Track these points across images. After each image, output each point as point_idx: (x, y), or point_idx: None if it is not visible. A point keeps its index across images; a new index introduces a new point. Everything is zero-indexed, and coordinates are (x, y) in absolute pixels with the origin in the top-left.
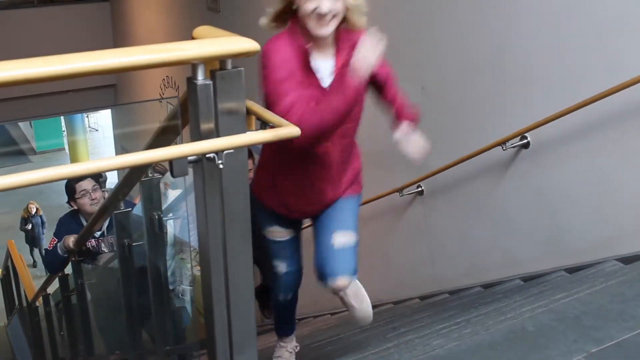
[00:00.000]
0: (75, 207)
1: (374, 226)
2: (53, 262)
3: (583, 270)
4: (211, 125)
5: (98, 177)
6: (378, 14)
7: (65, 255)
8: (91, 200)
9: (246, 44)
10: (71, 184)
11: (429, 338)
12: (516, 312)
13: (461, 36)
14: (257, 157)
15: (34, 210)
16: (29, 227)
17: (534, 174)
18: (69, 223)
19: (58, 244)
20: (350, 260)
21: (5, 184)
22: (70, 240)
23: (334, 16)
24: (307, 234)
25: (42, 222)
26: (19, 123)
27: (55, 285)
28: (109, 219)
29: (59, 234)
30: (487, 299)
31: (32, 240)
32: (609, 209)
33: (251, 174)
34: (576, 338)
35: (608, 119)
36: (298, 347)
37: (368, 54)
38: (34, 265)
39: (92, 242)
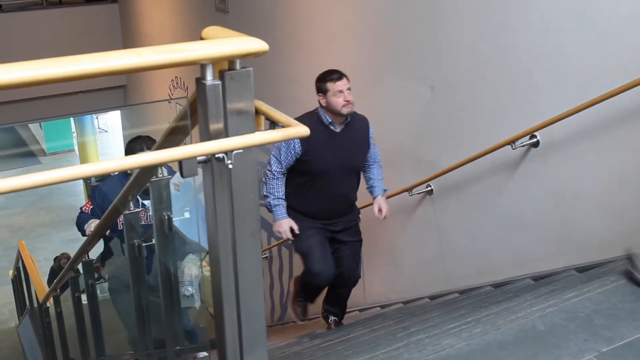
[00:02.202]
0: None
1: (383, 226)
2: (80, 227)
3: (594, 269)
4: (220, 125)
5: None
6: (387, 16)
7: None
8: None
9: (255, 44)
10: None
11: (439, 337)
12: (527, 311)
13: (470, 36)
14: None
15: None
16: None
17: (544, 173)
18: (109, 186)
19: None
20: None
21: (16, 185)
22: (93, 225)
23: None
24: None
25: None
26: (29, 125)
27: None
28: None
29: (93, 197)
30: (497, 298)
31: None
32: (620, 208)
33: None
34: (587, 337)
35: (618, 117)
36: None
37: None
38: None
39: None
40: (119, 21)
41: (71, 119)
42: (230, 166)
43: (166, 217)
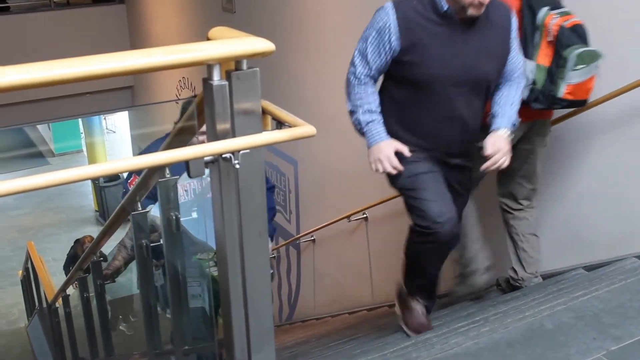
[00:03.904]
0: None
1: (393, 225)
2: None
3: (602, 268)
4: (227, 125)
5: None
6: None
7: None
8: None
9: (261, 45)
10: None
11: (447, 336)
12: (535, 310)
13: None
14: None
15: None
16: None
17: (551, 172)
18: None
19: None
20: None
21: (25, 185)
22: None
23: None
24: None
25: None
26: (37, 125)
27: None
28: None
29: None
30: (505, 297)
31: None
32: (628, 206)
33: None
34: (595, 336)
35: (626, 115)
36: None
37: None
38: None
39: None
40: (126, 22)
41: (79, 119)
42: (237, 166)
43: (174, 217)
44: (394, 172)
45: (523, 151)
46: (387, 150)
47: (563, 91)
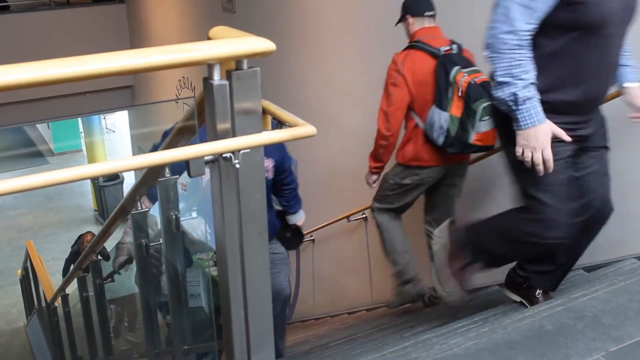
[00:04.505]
0: None
1: None
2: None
3: (602, 269)
4: (227, 125)
5: None
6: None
7: None
8: None
9: (262, 44)
10: None
11: (447, 337)
12: (534, 310)
13: (476, 36)
14: None
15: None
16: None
17: None
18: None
19: None
20: None
21: (24, 185)
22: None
23: None
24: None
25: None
26: (37, 125)
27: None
28: None
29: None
30: (504, 297)
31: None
32: (628, 207)
33: None
34: (595, 337)
35: (626, 117)
36: None
37: None
38: None
39: None
40: (126, 21)
41: (79, 119)
42: (238, 166)
43: (173, 217)
44: (542, 169)
45: (443, 187)
46: (545, 139)
47: (473, 138)
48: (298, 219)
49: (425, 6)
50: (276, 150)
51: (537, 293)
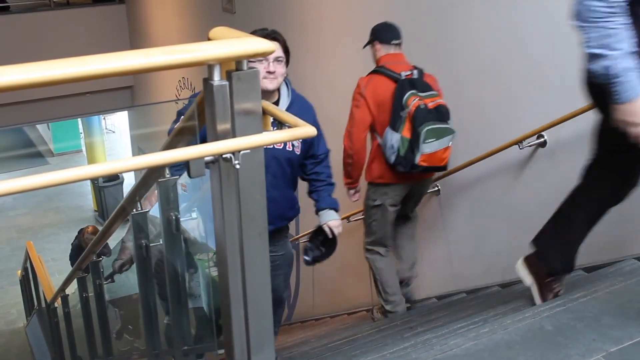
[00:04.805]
0: None
1: None
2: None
3: (601, 269)
4: (227, 125)
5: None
6: (394, 16)
7: None
8: (267, 73)
9: (262, 45)
10: None
11: (447, 337)
12: (534, 311)
13: (478, 36)
14: None
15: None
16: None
17: (551, 173)
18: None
19: None
20: None
21: (24, 185)
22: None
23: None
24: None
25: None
26: (37, 125)
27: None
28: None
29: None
30: (504, 298)
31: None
32: (628, 208)
33: None
34: (595, 337)
35: None
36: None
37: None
38: None
39: None
40: (126, 22)
41: (79, 119)
42: (238, 166)
43: (173, 218)
44: None
45: (410, 204)
46: None
47: (418, 159)
48: (328, 219)
49: (392, 35)
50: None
51: (550, 280)
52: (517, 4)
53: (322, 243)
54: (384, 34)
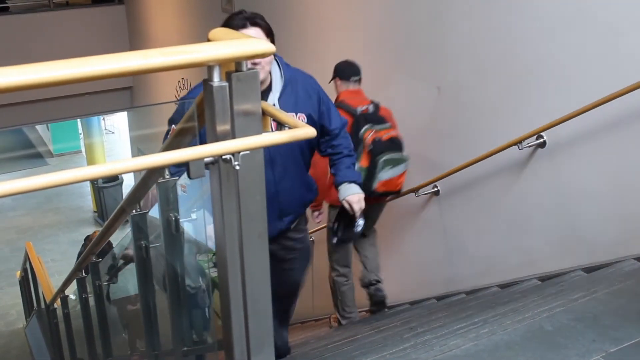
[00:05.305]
0: None
1: (390, 227)
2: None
3: (601, 270)
4: (227, 126)
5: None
6: (394, 16)
7: None
8: (252, 65)
9: (261, 45)
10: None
11: (446, 338)
12: (534, 311)
13: (476, 36)
14: None
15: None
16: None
17: (551, 174)
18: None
19: None
20: None
21: (24, 186)
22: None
23: None
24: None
25: None
26: (36, 126)
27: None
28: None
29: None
30: (504, 298)
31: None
32: (627, 208)
33: None
34: (595, 338)
35: (625, 117)
36: None
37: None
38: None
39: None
40: (125, 23)
41: (78, 120)
42: (237, 167)
43: (173, 219)
44: None
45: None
46: None
47: (376, 185)
48: (347, 194)
49: (352, 72)
50: (305, 105)
51: None
52: (514, 5)
53: (350, 221)
54: (344, 71)
